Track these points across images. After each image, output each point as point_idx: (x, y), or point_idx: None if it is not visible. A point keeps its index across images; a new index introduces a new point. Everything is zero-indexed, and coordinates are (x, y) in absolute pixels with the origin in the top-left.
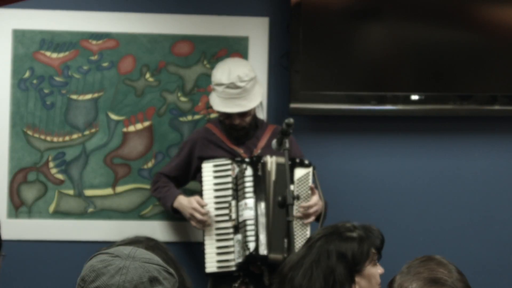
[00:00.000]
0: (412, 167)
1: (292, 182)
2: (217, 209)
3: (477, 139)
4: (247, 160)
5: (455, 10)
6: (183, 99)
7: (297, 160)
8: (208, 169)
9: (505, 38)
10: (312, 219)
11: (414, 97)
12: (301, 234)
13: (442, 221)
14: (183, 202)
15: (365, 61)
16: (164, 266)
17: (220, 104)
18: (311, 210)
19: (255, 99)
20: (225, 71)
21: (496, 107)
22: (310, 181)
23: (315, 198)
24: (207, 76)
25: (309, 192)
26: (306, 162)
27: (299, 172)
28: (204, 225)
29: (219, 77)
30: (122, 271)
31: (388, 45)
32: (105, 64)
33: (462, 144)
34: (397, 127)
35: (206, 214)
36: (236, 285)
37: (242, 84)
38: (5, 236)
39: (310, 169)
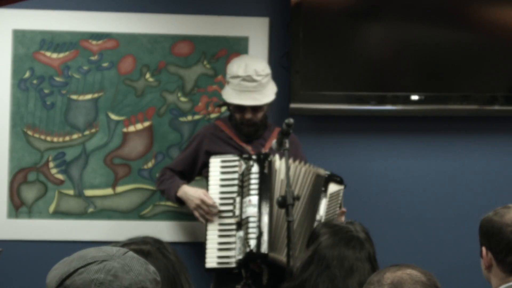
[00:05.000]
0: (412, 167)
1: (325, 196)
2: (222, 205)
3: (477, 139)
4: (254, 157)
5: (455, 10)
6: (183, 99)
7: (333, 176)
8: (215, 164)
9: (505, 38)
10: None
11: (414, 97)
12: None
13: (442, 221)
14: (189, 191)
15: (365, 61)
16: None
17: (235, 96)
18: None
19: (269, 95)
20: (242, 65)
21: (496, 107)
22: (340, 199)
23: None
24: (207, 76)
25: (337, 209)
26: (339, 179)
27: (332, 188)
28: (208, 218)
29: (236, 69)
30: (125, 269)
31: (388, 45)
32: (105, 64)
33: (462, 144)
34: (397, 127)
35: (213, 206)
36: (239, 286)
37: (259, 78)
38: (5, 236)
39: (342, 187)
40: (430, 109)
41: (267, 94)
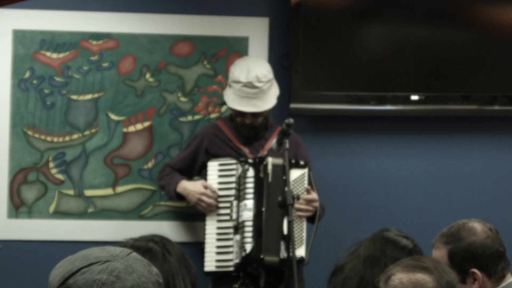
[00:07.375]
0: (412, 167)
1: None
2: (220, 208)
3: (477, 139)
4: (250, 161)
5: (455, 10)
6: (183, 99)
7: (292, 161)
8: (213, 167)
9: (505, 38)
10: (307, 214)
11: (414, 97)
12: (298, 228)
13: (442, 221)
14: (188, 186)
15: (365, 61)
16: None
17: (235, 101)
18: (315, 204)
19: (270, 101)
20: (244, 69)
21: (496, 107)
22: (306, 182)
23: (315, 195)
24: (207, 76)
25: (305, 193)
26: (301, 163)
27: (294, 174)
28: (212, 208)
29: (238, 74)
30: (128, 270)
31: (388, 45)
32: (105, 64)
33: (462, 144)
34: (397, 127)
35: (214, 197)
36: (236, 286)
37: (260, 84)
38: (5, 236)
39: (306, 170)
40: (430, 109)
41: (268, 100)
